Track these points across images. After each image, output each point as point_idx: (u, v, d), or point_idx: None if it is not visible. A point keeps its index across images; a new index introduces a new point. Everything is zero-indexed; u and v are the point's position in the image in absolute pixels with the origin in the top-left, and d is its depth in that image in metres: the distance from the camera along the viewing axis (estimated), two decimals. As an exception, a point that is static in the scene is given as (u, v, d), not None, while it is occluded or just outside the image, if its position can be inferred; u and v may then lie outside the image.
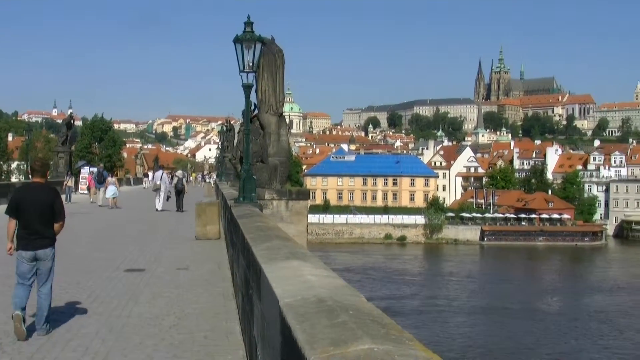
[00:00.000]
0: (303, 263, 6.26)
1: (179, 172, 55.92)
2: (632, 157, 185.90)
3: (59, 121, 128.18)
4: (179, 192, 43.06)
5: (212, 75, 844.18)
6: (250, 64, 19.56)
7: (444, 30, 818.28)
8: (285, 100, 30.31)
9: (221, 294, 13.62)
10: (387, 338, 3.34)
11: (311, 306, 4.17)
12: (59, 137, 76.09)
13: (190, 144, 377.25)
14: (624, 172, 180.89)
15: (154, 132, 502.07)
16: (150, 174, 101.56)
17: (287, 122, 29.71)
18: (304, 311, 4.05)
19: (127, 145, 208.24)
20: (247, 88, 20.20)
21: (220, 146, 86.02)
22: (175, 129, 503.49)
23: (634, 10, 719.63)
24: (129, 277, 15.84)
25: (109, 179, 48.20)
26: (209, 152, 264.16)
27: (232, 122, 73.01)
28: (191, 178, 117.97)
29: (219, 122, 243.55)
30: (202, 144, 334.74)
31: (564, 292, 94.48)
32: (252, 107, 23.33)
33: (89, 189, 56.54)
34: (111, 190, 45.42)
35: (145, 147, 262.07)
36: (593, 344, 65.54)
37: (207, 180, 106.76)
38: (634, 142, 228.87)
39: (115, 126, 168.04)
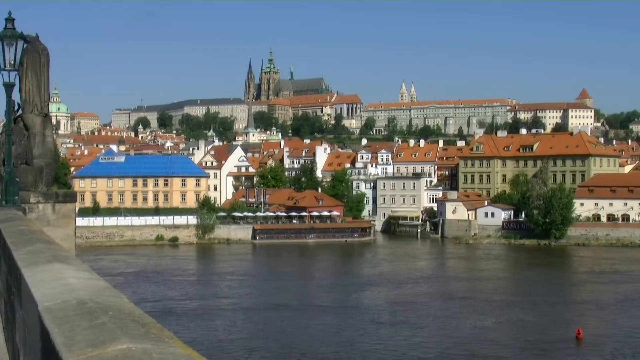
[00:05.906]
0: (65, 266, 6.14)
1: None
2: (398, 155, 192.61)
3: None
4: None
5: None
6: (12, 62, 18.96)
7: (214, 30, 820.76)
8: (52, 100, 29.55)
9: (-17, 302, 13.08)
10: (146, 337, 3.34)
11: (71, 309, 4.11)
12: None
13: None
14: (390, 169, 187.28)
15: None
16: None
17: (54, 122, 29.00)
18: (63, 314, 3.99)
19: None
20: (8, 87, 19.59)
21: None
22: None
23: (397, 14, 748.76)
24: None
25: None
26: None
27: (-6, 123, 70.27)
28: None
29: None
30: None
31: (339, 287, 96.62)
32: (16, 107, 22.62)
33: None
34: None
35: None
36: (393, 334, 67.57)
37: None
38: (399, 140, 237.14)
39: None
